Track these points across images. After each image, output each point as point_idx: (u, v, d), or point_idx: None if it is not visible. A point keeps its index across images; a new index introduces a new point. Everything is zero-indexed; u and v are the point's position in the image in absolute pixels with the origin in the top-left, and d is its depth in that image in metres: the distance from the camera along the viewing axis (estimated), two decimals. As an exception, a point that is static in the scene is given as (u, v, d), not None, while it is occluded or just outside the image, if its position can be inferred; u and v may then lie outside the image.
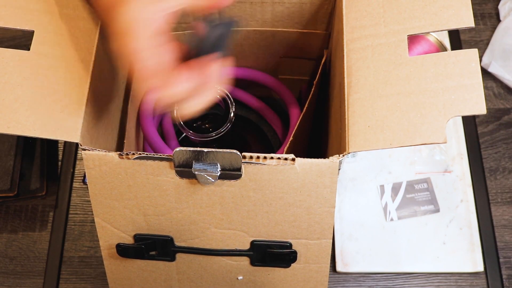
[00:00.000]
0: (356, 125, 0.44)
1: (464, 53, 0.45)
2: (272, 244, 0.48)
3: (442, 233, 0.71)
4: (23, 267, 0.70)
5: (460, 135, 0.76)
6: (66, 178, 0.75)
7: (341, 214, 0.72)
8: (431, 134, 0.42)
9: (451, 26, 0.46)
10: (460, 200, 0.73)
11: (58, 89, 0.46)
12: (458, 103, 0.43)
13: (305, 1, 0.58)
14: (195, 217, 0.47)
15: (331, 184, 0.44)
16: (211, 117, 0.67)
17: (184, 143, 0.65)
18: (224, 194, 0.45)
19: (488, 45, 0.82)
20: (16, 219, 0.73)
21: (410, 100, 0.44)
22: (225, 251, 0.49)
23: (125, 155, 0.44)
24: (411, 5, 0.47)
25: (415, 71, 0.45)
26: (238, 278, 0.51)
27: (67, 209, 0.73)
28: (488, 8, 0.86)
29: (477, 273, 0.70)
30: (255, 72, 0.67)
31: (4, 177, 0.72)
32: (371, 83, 0.46)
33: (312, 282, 0.51)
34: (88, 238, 0.71)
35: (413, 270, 0.70)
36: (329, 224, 0.47)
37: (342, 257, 0.70)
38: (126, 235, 0.49)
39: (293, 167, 0.43)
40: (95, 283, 0.69)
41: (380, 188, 0.73)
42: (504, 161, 0.76)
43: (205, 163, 0.43)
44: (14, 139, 0.74)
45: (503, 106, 0.79)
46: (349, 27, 0.49)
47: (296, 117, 0.63)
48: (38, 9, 0.48)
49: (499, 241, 0.71)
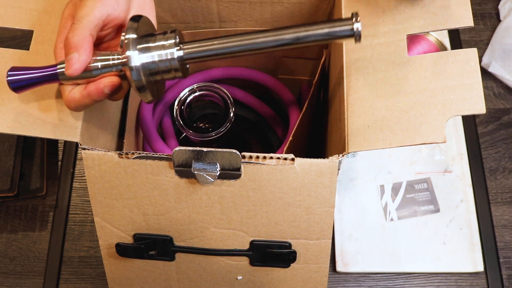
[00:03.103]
0: (356, 125, 0.44)
1: (463, 53, 0.45)
2: (272, 244, 0.48)
3: (442, 233, 0.71)
4: (23, 267, 0.70)
5: (460, 135, 0.76)
6: (66, 178, 0.75)
7: (341, 214, 0.72)
8: (431, 133, 0.42)
9: (450, 26, 0.46)
10: (460, 200, 0.73)
11: (58, 89, 0.46)
12: (458, 102, 0.43)
13: (304, 1, 0.58)
14: (194, 217, 0.47)
15: (330, 184, 0.44)
16: (211, 117, 0.67)
17: (184, 143, 0.65)
18: (224, 193, 0.45)
19: (488, 45, 0.82)
20: (16, 219, 0.73)
21: (409, 99, 0.44)
22: (224, 251, 0.49)
23: (124, 154, 0.44)
24: (411, 5, 0.47)
25: (414, 70, 0.45)
26: (238, 278, 0.51)
27: (67, 209, 0.73)
28: (488, 8, 0.86)
29: (477, 273, 0.70)
30: (255, 72, 0.67)
31: (4, 177, 0.72)
32: (370, 83, 0.46)
33: (312, 282, 0.51)
34: (88, 238, 0.72)
35: (413, 270, 0.70)
36: (328, 224, 0.47)
37: (342, 257, 0.70)
38: (125, 234, 0.49)
39: (292, 167, 0.43)
40: (95, 283, 0.69)
41: (380, 188, 0.73)
42: (504, 161, 0.76)
43: (205, 163, 0.43)
44: (14, 139, 0.74)
45: (503, 106, 0.79)
46: (349, 27, 0.49)
47: (296, 117, 0.63)
48: (38, 9, 0.48)
49: (499, 241, 0.71)
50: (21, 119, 0.44)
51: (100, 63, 0.42)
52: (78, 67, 0.41)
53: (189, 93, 0.62)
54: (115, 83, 0.43)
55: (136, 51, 0.41)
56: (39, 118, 0.45)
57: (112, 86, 0.42)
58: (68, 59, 0.41)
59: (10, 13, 0.48)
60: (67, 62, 0.41)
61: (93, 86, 0.42)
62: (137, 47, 0.41)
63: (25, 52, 0.47)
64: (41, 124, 0.44)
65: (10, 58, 0.47)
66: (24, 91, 0.43)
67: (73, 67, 0.41)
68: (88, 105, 0.43)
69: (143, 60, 0.42)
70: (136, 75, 0.41)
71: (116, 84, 0.43)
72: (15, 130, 0.44)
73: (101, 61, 0.42)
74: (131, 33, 0.41)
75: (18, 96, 0.45)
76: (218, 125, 0.60)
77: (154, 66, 0.42)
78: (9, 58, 0.47)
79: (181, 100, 0.62)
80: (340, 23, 0.41)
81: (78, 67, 0.41)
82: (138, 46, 0.41)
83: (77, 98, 0.43)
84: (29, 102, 0.45)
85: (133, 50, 0.41)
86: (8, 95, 0.45)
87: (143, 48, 0.42)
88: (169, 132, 0.64)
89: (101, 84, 0.42)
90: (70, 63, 0.41)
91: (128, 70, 0.41)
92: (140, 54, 0.41)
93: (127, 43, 0.41)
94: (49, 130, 0.44)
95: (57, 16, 0.48)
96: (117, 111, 0.56)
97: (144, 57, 0.42)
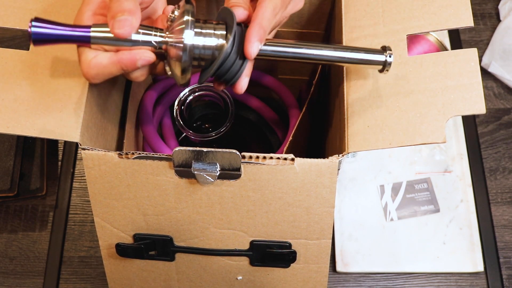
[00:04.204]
0: (356, 125, 0.44)
1: (463, 53, 0.45)
2: (272, 244, 0.48)
3: (442, 233, 0.71)
4: (23, 267, 0.70)
5: (460, 135, 0.76)
6: (66, 178, 0.75)
7: (341, 214, 0.72)
8: (431, 133, 0.42)
9: (450, 26, 0.46)
10: (460, 200, 0.73)
11: (58, 89, 0.46)
12: (458, 102, 0.43)
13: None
14: (194, 217, 0.47)
15: (330, 184, 0.44)
16: (211, 117, 0.67)
17: (184, 143, 0.65)
18: (224, 194, 0.45)
19: (488, 45, 0.82)
20: (16, 219, 0.73)
21: (409, 99, 0.44)
22: (224, 251, 0.49)
23: (124, 154, 0.44)
24: (410, 5, 0.47)
25: (414, 70, 0.45)
26: (238, 278, 0.51)
27: (67, 209, 0.73)
28: (488, 8, 0.86)
29: (477, 273, 0.70)
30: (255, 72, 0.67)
31: (4, 177, 0.72)
32: (370, 83, 0.46)
33: (312, 282, 0.51)
34: (88, 238, 0.72)
35: (413, 270, 0.70)
36: (328, 224, 0.47)
37: (342, 257, 0.70)
38: (125, 234, 0.49)
39: (292, 167, 0.43)
40: (95, 283, 0.69)
41: (380, 188, 0.73)
42: (504, 161, 0.76)
43: (205, 163, 0.43)
44: (14, 139, 0.74)
45: (503, 106, 0.79)
46: (349, 27, 0.49)
47: (296, 117, 0.63)
48: (38, 9, 0.48)
49: (499, 241, 0.71)
50: (21, 119, 0.44)
51: (142, 36, 0.42)
52: (128, 30, 0.40)
53: (189, 93, 0.62)
54: (150, 60, 0.42)
55: (192, 32, 0.41)
56: (39, 118, 0.45)
57: (147, 61, 0.42)
58: (119, 19, 0.40)
59: (10, 13, 0.48)
60: (117, 22, 0.40)
61: (127, 55, 0.41)
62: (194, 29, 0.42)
63: (25, 52, 0.47)
64: (40, 124, 0.44)
65: (10, 58, 0.47)
66: (44, 45, 0.42)
67: (124, 29, 0.40)
68: (111, 74, 0.42)
69: (196, 42, 0.42)
70: (187, 55, 0.41)
71: (151, 61, 0.42)
72: (15, 130, 0.44)
73: (143, 34, 0.42)
74: (188, 15, 0.42)
75: (18, 96, 0.45)
76: (218, 125, 0.60)
77: (202, 52, 0.43)
78: (9, 58, 0.47)
79: (181, 100, 0.62)
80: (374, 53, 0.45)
81: (128, 30, 0.40)
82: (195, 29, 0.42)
83: (103, 64, 0.41)
84: (29, 102, 0.45)
85: (191, 30, 0.41)
86: (8, 95, 0.45)
87: (197, 32, 0.42)
88: (169, 132, 0.64)
89: (138, 55, 0.42)
90: (121, 24, 0.40)
91: (179, 49, 0.41)
92: (195, 37, 0.42)
93: (186, 21, 0.41)
94: (49, 130, 0.44)
95: (57, 16, 0.48)
96: (117, 111, 0.56)
97: (196, 40, 0.42)
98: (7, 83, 0.46)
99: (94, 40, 0.41)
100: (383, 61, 0.44)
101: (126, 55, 0.41)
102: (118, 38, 0.41)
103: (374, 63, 0.45)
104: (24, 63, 0.47)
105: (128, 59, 0.41)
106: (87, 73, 0.42)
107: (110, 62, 0.41)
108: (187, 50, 0.41)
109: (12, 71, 0.46)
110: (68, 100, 0.46)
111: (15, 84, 0.46)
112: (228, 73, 0.44)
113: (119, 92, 0.57)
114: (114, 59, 0.41)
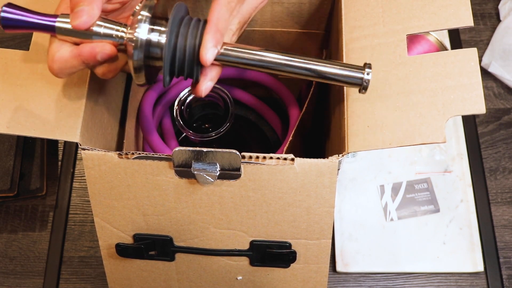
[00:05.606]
0: (356, 125, 0.44)
1: (463, 53, 0.45)
2: (272, 244, 0.48)
3: (442, 233, 0.71)
4: (23, 267, 0.70)
5: (460, 135, 0.76)
6: (66, 178, 0.75)
7: (341, 214, 0.72)
8: (431, 133, 0.42)
9: (450, 26, 0.46)
10: (460, 200, 0.73)
11: (58, 89, 0.46)
12: (458, 102, 0.43)
13: (304, 1, 0.58)
14: (194, 217, 0.47)
15: (330, 184, 0.44)
16: (211, 117, 0.67)
17: (183, 143, 0.65)
18: (224, 194, 0.45)
19: (488, 45, 0.82)
20: (16, 219, 0.73)
21: (409, 99, 0.44)
22: (224, 251, 0.49)
23: (124, 154, 0.44)
24: (410, 5, 0.47)
25: (414, 70, 0.45)
26: (238, 278, 0.51)
27: (67, 209, 0.73)
28: (488, 8, 0.86)
29: (477, 273, 0.70)
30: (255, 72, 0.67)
31: (4, 177, 0.72)
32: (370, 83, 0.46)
33: (312, 282, 0.51)
34: (88, 238, 0.72)
35: (413, 270, 0.70)
36: (328, 224, 0.47)
37: (342, 257, 0.70)
38: (125, 235, 0.49)
39: (292, 167, 0.43)
40: (95, 283, 0.69)
41: (380, 188, 0.73)
42: (504, 161, 0.76)
43: (205, 163, 0.43)
44: (14, 139, 0.74)
45: (503, 106, 0.79)
46: (348, 27, 0.49)
47: (296, 117, 0.63)
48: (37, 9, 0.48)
49: (499, 241, 0.71)
50: (20, 119, 0.44)
51: (104, 29, 0.41)
52: (86, 20, 0.39)
53: (189, 93, 0.62)
54: (110, 53, 0.41)
55: (146, 29, 0.40)
56: (39, 118, 0.45)
57: (107, 55, 0.41)
58: (77, 10, 0.39)
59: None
60: (75, 13, 0.39)
61: (87, 47, 0.40)
62: (149, 26, 0.40)
63: (25, 52, 0.47)
64: (40, 124, 0.44)
65: (10, 58, 0.47)
66: (14, 31, 0.41)
67: (81, 19, 0.39)
68: (74, 68, 0.41)
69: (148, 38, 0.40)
70: (138, 54, 0.40)
71: (111, 55, 0.41)
72: (15, 130, 0.44)
73: (105, 28, 0.41)
74: (146, 11, 0.40)
75: (18, 96, 0.45)
76: (218, 125, 0.60)
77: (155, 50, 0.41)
78: (9, 58, 0.47)
79: (181, 100, 0.62)
80: (352, 69, 0.42)
81: (86, 20, 0.39)
82: (149, 26, 0.40)
83: (65, 57, 0.41)
84: (28, 102, 0.45)
85: (144, 27, 0.40)
86: (7, 95, 0.45)
87: (153, 29, 0.41)
88: (169, 132, 0.64)
89: (97, 48, 0.40)
90: (78, 14, 0.39)
91: (131, 46, 0.40)
92: (149, 34, 0.41)
93: (140, 18, 0.40)
94: (49, 130, 0.44)
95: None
96: (117, 111, 0.56)
97: (151, 38, 0.41)
98: (7, 83, 0.46)
99: (59, 30, 0.41)
100: (360, 77, 0.42)
101: (86, 47, 0.40)
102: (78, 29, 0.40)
103: (350, 79, 0.42)
104: (24, 63, 0.47)
105: (88, 52, 0.40)
106: (51, 69, 0.41)
107: (72, 56, 0.41)
108: (138, 47, 0.40)
109: (12, 71, 0.46)
110: (68, 100, 0.46)
111: (15, 84, 0.46)
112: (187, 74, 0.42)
113: (119, 92, 0.57)
114: (75, 52, 0.41)
